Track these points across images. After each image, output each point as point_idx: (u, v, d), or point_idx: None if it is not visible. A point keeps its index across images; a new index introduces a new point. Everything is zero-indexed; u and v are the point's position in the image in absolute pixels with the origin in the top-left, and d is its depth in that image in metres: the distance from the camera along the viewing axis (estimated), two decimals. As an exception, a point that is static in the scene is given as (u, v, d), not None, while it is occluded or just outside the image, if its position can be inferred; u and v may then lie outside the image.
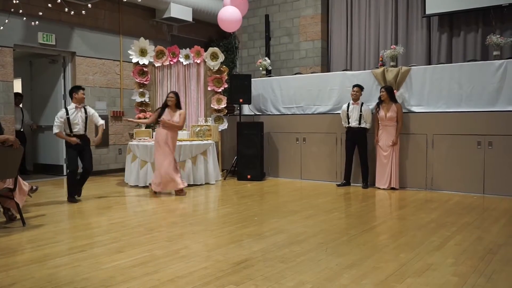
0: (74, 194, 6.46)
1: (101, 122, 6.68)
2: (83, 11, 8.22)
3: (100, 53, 9.57)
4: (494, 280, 3.27)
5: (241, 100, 8.85)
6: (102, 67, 9.62)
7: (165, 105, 6.98)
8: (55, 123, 6.28)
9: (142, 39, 8.91)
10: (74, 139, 6.32)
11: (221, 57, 8.89)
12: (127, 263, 3.70)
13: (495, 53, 7.32)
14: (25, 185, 5.23)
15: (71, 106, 6.45)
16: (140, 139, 8.22)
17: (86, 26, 9.27)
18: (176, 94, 7.01)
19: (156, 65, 9.09)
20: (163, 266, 3.63)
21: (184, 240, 4.42)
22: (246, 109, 9.52)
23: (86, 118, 6.49)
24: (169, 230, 4.84)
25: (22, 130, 9.20)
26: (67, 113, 6.33)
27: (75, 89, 6.49)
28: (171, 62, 9.11)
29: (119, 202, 6.57)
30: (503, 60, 6.93)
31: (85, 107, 6.55)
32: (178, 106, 6.99)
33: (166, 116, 6.88)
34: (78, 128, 6.39)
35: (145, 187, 7.67)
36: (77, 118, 6.38)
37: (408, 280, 3.28)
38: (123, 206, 6.32)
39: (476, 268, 3.53)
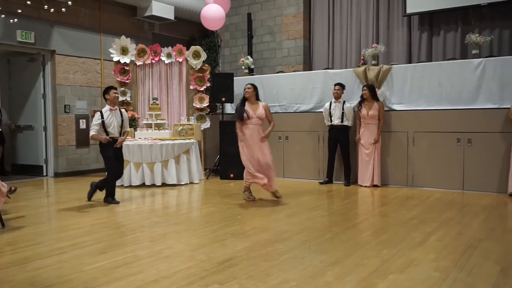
0: (113, 195, 6.37)
1: (129, 129, 6.63)
2: (63, 9, 8.09)
3: (81, 52, 9.43)
4: (474, 275, 3.33)
5: (223, 99, 8.83)
6: (82, 65, 9.49)
7: (244, 100, 6.29)
8: (92, 127, 6.13)
9: (123, 37, 8.82)
10: (107, 137, 6.11)
11: (203, 56, 8.85)
12: (110, 264, 3.66)
13: (474, 51, 7.45)
14: (3, 186, 5.12)
15: (106, 108, 6.22)
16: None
17: (66, 24, 9.12)
18: (253, 85, 6.32)
19: (137, 64, 9.01)
20: (147, 266, 3.61)
21: (167, 240, 4.39)
22: (229, 108, 9.50)
23: (122, 121, 6.28)
24: (152, 230, 4.81)
25: (0, 130, 9.02)
26: (102, 116, 6.11)
27: (107, 89, 6.28)
28: (153, 61, 9.04)
29: (101, 203, 6.48)
30: (482, 59, 7.05)
31: (121, 110, 6.39)
32: (258, 98, 6.33)
33: (249, 111, 6.19)
34: (114, 131, 6.19)
35: (128, 187, 7.60)
36: (112, 121, 6.16)
37: (391, 276, 3.32)
38: (105, 206, 6.25)
39: (457, 263, 3.59)
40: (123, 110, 6.45)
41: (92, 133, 6.13)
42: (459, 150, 6.98)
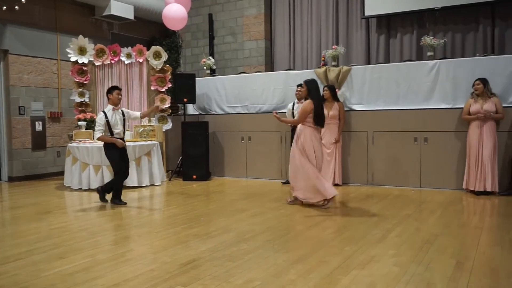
0: (119, 196, 6.28)
1: (139, 113, 6.63)
2: (16, 7, 7.81)
3: (36, 51, 9.12)
4: (431, 269, 3.45)
5: (185, 100, 8.75)
6: (37, 66, 9.17)
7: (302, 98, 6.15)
8: (96, 128, 6.07)
9: (81, 37, 8.59)
10: (120, 141, 6.10)
11: (164, 56, 8.75)
12: (69, 269, 3.56)
13: (429, 53, 7.71)
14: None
15: (108, 108, 6.15)
16: (80, 141, 7.92)
17: (20, 23, 8.79)
18: (307, 83, 5.92)
19: (96, 64, 8.80)
20: (108, 270, 3.53)
21: (129, 243, 4.31)
22: (191, 109, 9.43)
23: (124, 120, 6.26)
24: (113, 233, 4.71)
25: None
26: (106, 116, 6.04)
27: (111, 89, 6.23)
28: (112, 61, 8.86)
29: (59, 207, 6.30)
30: (436, 60, 7.31)
31: (122, 109, 6.31)
32: (309, 96, 5.88)
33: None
34: (119, 131, 6.17)
35: (87, 190, 7.41)
36: (116, 120, 6.13)
37: (353, 272, 3.39)
38: (63, 210, 6.07)
39: (415, 258, 3.70)
40: (124, 109, 6.38)
41: (98, 134, 6.04)
42: (416, 149, 7.20)
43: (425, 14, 9.09)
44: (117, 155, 6.14)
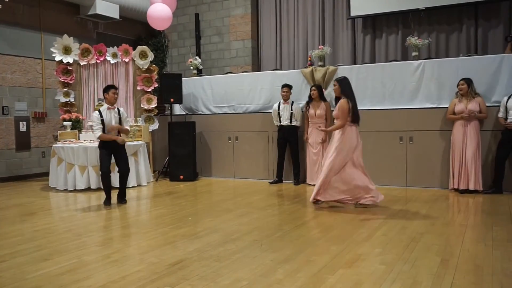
0: (110, 199, 6.23)
1: (129, 127, 6.54)
2: (-1, 6, 7.69)
3: (19, 51, 9.00)
4: (417, 266, 3.49)
5: (172, 100, 8.71)
6: (21, 65, 9.06)
7: (338, 99, 5.81)
8: (94, 127, 6.04)
9: (65, 36, 8.50)
10: (121, 138, 6.10)
11: (151, 56, 8.71)
12: (54, 271, 3.52)
13: (414, 53, 7.79)
14: None
15: (104, 107, 6.15)
16: (65, 141, 7.84)
17: (3, 21, 8.66)
18: (340, 81, 5.80)
19: (81, 64, 8.72)
20: (94, 272, 3.50)
21: (116, 244, 4.28)
22: (178, 109, 9.40)
23: (120, 119, 6.20)
24: (100, 234, 4.67)
25: None
26: (101, 115, 6.03)
27: (106, 88, 6.18)
28: (98, 61, 8.79)
29: (43, 208, 6.22)
30: (421, 61, 7.39)
31: (119, 108, 6.27)
32: (343, 94, 5.75)
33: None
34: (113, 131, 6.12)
35: (73, 191, 7.34)
36: (110, 119, 6.09)
37: (339, 271, 3.41)
38: (48, 211, 6.00)
39: (401, 256, 3.74)
40: (121, 108, 6.32)
41: (98, 133, 6.01)
42: (402, 148, 7.27)
43: (409, 15, 9.18)
44: (106, 153, 6.09)
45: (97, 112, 6.11)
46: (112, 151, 6.17)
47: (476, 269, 3.43)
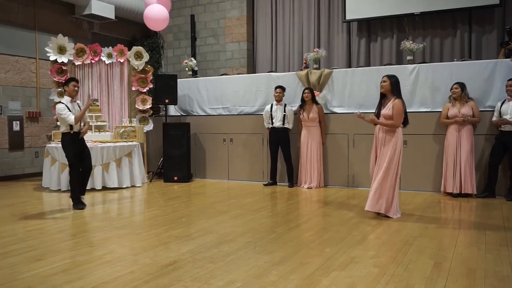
0: (81, 200, 6.07)
1: (88, 119, 6.48)
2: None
3: (13, 50, 8.96)
4: (410, 270, 3.50)
5: (167, 101, 8.70)
6: (15, 64, 9.01)
7: (382, 96, 5.52)
8: (64, 114, 5.78)
9: (60, 35, 8.46)
10: (86, 128, 6.08)
11: (146, 57, 8.69)
12: (46, 271, 3.50)
13: (408, 57, 7.82)
14: None
15: (67, 99, 5.95)
16: (59, 141, 7.78)
17: (-3, 21, 8.64)
18: (391, 77, 5.41)
19: (76, 64, 8.69)
20: (87, 272, 3.48)
21: (109, 245, 4.26)
22: (172, 110, 9.38)
23: None
24: (93, 235, 4.65)
25: None
26: (67, 106, 5.86)
27: (67, 81, 6.03)
28: (93, 61, 8.76)
29: (36, 208, 6.18)
30: (415, 65, 7.43)
31: (78, 102, 6.14)
32: (394, 93, 5.40)
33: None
34: (76, 125, 5.95)
35: (66, 191, 7.30)
36: (75, 113, 5.91)
37: (333, 274, 3.41)
38: (41, 212, 5.96)
39: (395, 259, 3.75)
40: (79, 102, 6.23)
41: (71, 117, 5.79)
42: (396, 152, 7.28)
43: (404, 19, 9.23)
44: (74, 150, 5.95)
45: (61, 103, 5.90)
46: (78, 145, 6.01)
47: (469, 272, 3.45)
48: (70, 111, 5.86)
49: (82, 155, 6.06)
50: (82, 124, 6.11)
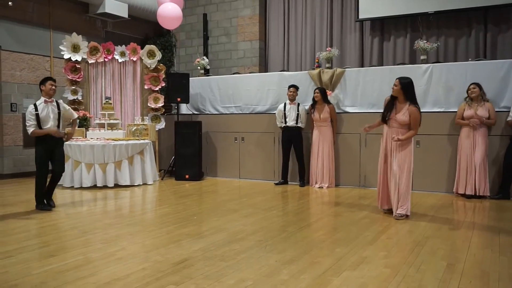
0: (43, 201, 5.85)
1: (76, 116, 6.15)
2: (9, 3, 7.75)
3: (29, 48, 9.06)
4: (422, 271, 3.47)
5: (179, 99, 8.73)
6: (30, 62, 9.12)
7: (393, 98, 5.39)
8: (27, 123, 5.56)
9: (74, 34, 8.55)
10: (55, 129, 5.63)
11: (158, 55, 8.73)
12: (60, 267, 3.53)
13: (422, 57, 7.75)
14: None
15: (40, 100, 5.70)
16: (72, 139, 7.86)
17: (13, 19, 8.73)
18: (402, 79, 5.32)
19: (89, 62, 8.76)
20: (99, 269, 3.51)
21: (121, 242, 4.29)
22: (184, 108, 9.42)
23: (58, 114, 5.77)
24: (105, 232, 4.68)
25: None
26: (36, 109, 5.60)
27: (43, 81, 5.75)
28: (106, 59, 8.83)
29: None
30: (429, 64, 7.36)
31: (58, 101, 5.85)
32: (407, 98, 5.33)
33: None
34: (50, 125, 5.67)
35: (79, 188, 7.37)
36: (48, 113, 5.67)
37: (344, 274, 3.39)
38: (54, 208, 6.01)
39: (407, 260, 3.72)
40: (60, 101, 5.93)
41: (31, 129, 5.55)
42: (408, 152, 7.22)
43: (418, 18, 9.15)
44: (44, 153, 5.68)
45: (32, 106, 5.64)
46: (50, 148, 5.71)
47: (483, 274, 3.41)
48: (37, 114, 5.60)
49: (52, 158, 5.78)
50: (69, 123, 5.90)
